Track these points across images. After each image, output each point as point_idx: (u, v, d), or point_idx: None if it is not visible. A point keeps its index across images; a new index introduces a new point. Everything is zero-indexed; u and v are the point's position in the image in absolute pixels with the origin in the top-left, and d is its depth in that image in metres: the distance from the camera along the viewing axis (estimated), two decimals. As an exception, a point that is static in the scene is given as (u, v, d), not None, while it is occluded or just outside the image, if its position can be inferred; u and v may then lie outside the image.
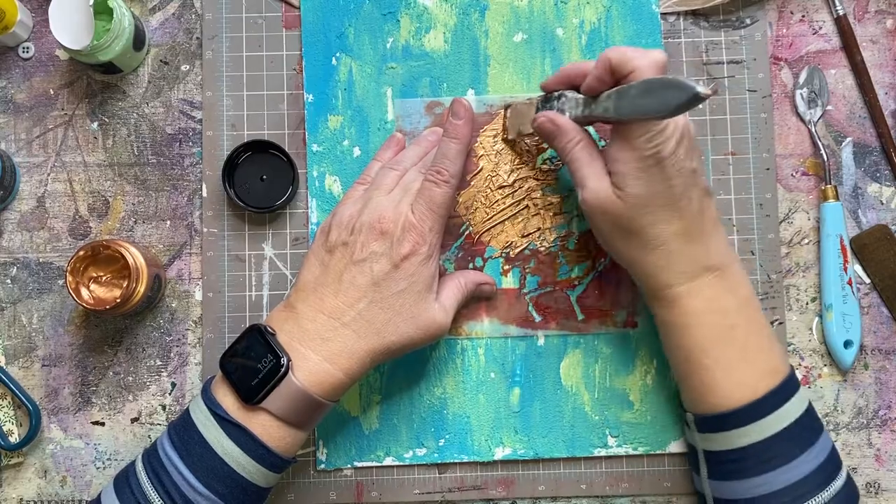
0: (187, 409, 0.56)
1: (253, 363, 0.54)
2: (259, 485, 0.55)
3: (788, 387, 0.57)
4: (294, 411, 0.54)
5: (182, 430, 0.55)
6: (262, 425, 0.54)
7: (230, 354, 0.56)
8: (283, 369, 0.54)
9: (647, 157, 0.54)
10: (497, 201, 0.67)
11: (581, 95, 0.58)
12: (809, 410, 0.57)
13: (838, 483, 0.56)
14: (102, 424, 0.67)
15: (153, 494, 0.53)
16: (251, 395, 0.54)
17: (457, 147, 0.59)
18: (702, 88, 0.49)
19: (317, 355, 0.55)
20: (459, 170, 0.59)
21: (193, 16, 0.69)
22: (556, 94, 0.60)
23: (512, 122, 0.65)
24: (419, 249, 0.57)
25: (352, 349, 0.56)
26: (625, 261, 0.59)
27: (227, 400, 0.55)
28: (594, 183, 0.56)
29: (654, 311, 0.60)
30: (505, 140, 0.66)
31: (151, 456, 0.55)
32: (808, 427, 0.57)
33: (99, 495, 0.56)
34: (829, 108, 0.68)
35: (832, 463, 0.56)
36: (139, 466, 0.55)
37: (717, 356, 0.56)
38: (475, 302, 0.66)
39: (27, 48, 0.69)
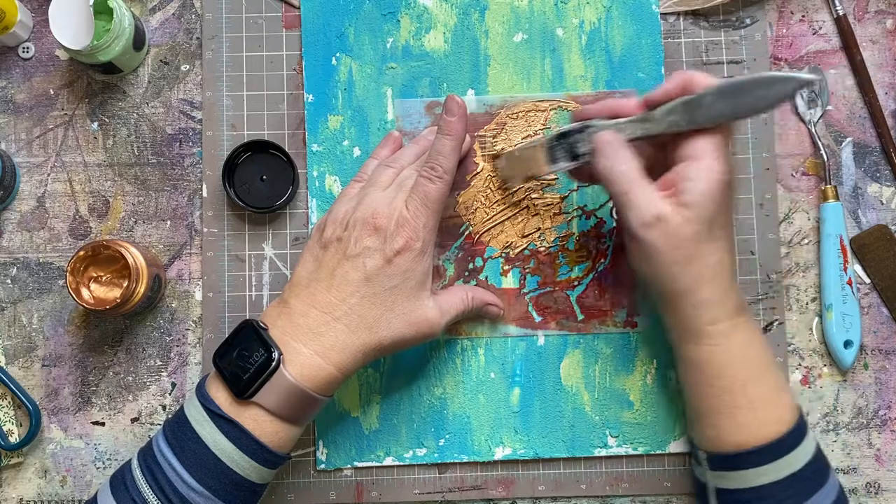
0: (182, 407, 0.56)
1: (245, 358, 0.54)
2: (252, 481, 0.55)
3: (803, 423, 0.57)
4: (286, 405, 0.54)
5: (177, 426, 0.55)
6: (255, 420, 0.54)
7: (223, 350, 0.56)
8: (274, 363, 0.54)
9: (722, 182, 0.54)
10: (497, 201, 0.67)
11: (619, 120, 0.57)
12: (819, 447, 0.58)
13: None
14: (102, 424, 0.67)
15: (148, 492, 0.53)
16: (243, 390, 0.54)
17: (451, 143, 0.59)
18: (805, 74, 0.49)
19: (308, 349, 0.55)
20: (453, 166, 0.59)
21: (193, 16, 0.69)
22: (577, 125, 0.59)
23: (514, 169, 0.65)
24: (413, 245, 0.57)
25: (343, 344, 0.56)
26: (672, 293, 0.56)
27: (220, 395, 0.55)
28: (659, 202, 0.54)
29: (687, 351, 0.58)
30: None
31: (147, 453, 0.55)
32: (821, 466, 0.57)
33: (95, 494, 0.56)
34: (829, 108, 0.68)
35: (841, 501, 0.57)
36: (134, 464, 0.55)
37: (752, 395, 0.56)
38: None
39: (27, 48, 0.69)
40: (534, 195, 0.67)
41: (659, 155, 0.58)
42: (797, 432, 0.56)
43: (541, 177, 0.64)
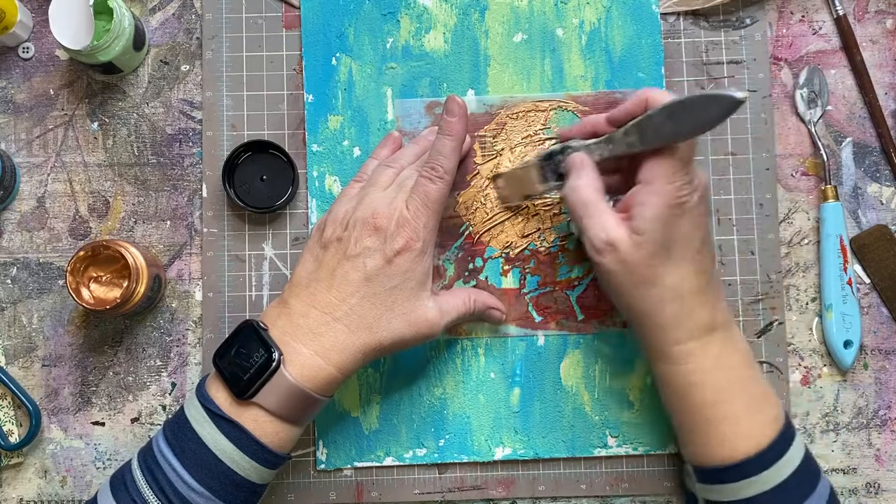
0: (182, 407, 0.56)
1: (245, 358, 0.54)
2: (253, 481, 0.55)
3: (788, 433, 0.56)
4: (286, 406, 0.54)
5: (177, 427, 0.55)
6: (255, 420, 0.54)
7: (223, 350, 0.56)
8: (274, 363, 0.54)
9: (674, 206, 0.54)
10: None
11: (591, 140, 0.58)
12: (808, 455, 0.57)
13: None
14: (102, 424, 0.67)
15: (148, 492, 0.53)
16: (243, 390, 0.54)
17: (451, 143, 0.59)
18: (738, 93, 0.50)
19: (308, 350, 0.55)
20: (454, 166, 0.59)
21: (193, 16, 0.69)
22: (558, 147, 0.60)
23: (511, 189, 0.65)
24: (413, 245, 0.57)
25: (343, 344, 0.56)
26: (635, 315, 0.57)
27: (220, 395, 0.55)
28: (611, 228, 0.55)
29: (658, 369, 0.58)
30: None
31: (147, 454, 0.55)
32: (809, 474, 0.56)
33: (96, 495, 0.56)
34: (829, 108, 0.68)
35: None
36: (134, 464, 0.55)
37: (724, 411, 0.56)
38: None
39: (27, 48, 0.69)
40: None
41: (630, 175, 0.58)
42: (781, 442, 0.55)
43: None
